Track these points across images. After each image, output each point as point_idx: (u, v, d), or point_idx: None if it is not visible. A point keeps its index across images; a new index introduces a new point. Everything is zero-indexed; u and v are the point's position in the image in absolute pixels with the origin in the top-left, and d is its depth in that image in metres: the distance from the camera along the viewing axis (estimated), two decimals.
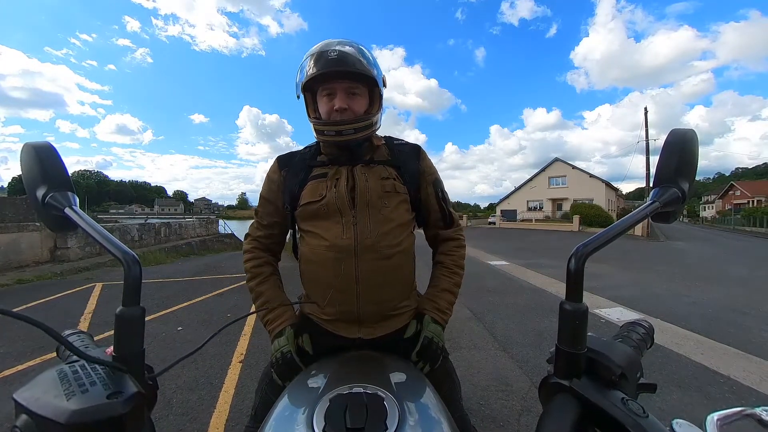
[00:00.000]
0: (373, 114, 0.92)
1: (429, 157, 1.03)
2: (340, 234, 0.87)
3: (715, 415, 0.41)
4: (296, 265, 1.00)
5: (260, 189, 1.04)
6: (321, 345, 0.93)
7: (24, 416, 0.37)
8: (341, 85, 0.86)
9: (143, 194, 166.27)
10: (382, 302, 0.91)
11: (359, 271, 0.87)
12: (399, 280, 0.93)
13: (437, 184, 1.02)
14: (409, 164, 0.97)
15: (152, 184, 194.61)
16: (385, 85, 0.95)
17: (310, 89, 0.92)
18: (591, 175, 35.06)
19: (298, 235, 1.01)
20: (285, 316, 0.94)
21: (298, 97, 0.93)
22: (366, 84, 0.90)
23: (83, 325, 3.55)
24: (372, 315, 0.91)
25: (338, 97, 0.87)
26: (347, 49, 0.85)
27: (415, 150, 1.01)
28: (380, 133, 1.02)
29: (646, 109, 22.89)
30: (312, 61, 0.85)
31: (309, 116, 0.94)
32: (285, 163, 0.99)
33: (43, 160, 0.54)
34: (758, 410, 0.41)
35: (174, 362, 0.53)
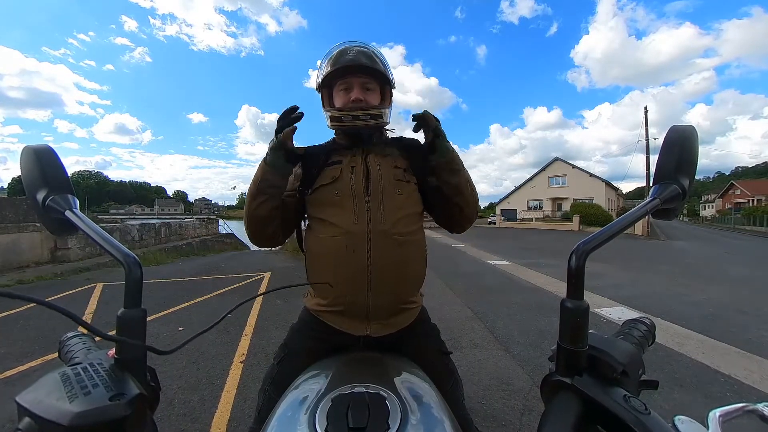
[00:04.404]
0: (385, 106, 0.97)
1: None
2: (353, 219, 0.88)
3: (717, 411, 0.42)
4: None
5: None
6: (325, 343, 0.92)
7: (27, 419, 0.37)
8: (357, 79, 0.95)
9: (143, 194, 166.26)
10: (393, 293, 0.90)
11: (371, 258, 0.86)
12: (410, 272, 0.93)
13: None
14: (418, 158, 1.00)
15: (152, 185, 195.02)
16: (394, 87, 1.03)
17: (327, 85, 0.99)
18: (591, 175, 34.99)
19: (305, 226, 1.02)
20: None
21: (318, 90, 1.01)
22: (378, 81, 0.98)
23: None
24: (382, 308, 0.89)
25: (355, 90, 0.95)
26: (363, 49, 0.95)
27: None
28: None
29: (646, 108, 22.87)
30: (331, 59, 0.94)
31: (324, 108, 1.00)
32: (304, 153, 1.03)
33: (43, 163, 0.54)
34: (760, 406, 0.41)
35: (189, 338, 0.49)
